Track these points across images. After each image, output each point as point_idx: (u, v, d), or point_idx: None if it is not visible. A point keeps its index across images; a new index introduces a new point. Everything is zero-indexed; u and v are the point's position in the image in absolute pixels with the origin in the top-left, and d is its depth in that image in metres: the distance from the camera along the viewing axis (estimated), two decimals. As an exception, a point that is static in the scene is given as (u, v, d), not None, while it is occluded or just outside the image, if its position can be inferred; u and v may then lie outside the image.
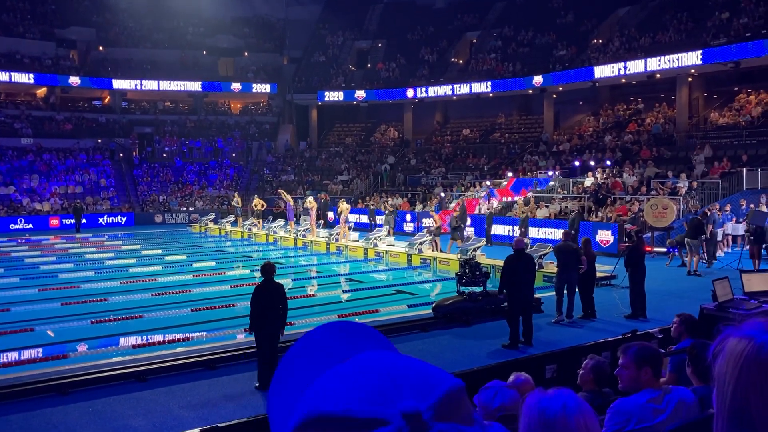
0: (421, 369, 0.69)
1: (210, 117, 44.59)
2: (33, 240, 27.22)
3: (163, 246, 25.30)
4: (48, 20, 42.32)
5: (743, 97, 29.63)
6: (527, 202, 25.16)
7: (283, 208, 27.10)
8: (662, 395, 3.18)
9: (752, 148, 25.38)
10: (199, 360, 9.11)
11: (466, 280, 12.19)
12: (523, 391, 3.64)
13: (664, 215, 19.70)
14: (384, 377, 0.66)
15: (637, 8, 35.38)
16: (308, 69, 45.39)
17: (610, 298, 13.03)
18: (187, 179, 39.17)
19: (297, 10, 48.36)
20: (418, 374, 0.67)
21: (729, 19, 28.39)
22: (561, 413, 1.61)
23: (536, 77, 33.81)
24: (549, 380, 6.52)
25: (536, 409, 1.66)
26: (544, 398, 1.67)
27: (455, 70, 40.40)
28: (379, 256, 20.68)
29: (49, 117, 39.71)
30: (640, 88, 33.06)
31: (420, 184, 34.70)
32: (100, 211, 34.10)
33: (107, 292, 14.72)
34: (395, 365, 0.69)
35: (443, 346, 10.13)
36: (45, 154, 37.08)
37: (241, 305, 12.22)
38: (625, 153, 29.00)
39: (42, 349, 10.31)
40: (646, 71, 29.10)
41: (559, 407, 1.63)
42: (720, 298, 7.69)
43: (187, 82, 42.15)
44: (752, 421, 0.90)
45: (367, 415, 0.63)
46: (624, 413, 3.08)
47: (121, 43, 43.48)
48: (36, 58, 39.58)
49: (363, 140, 43.66)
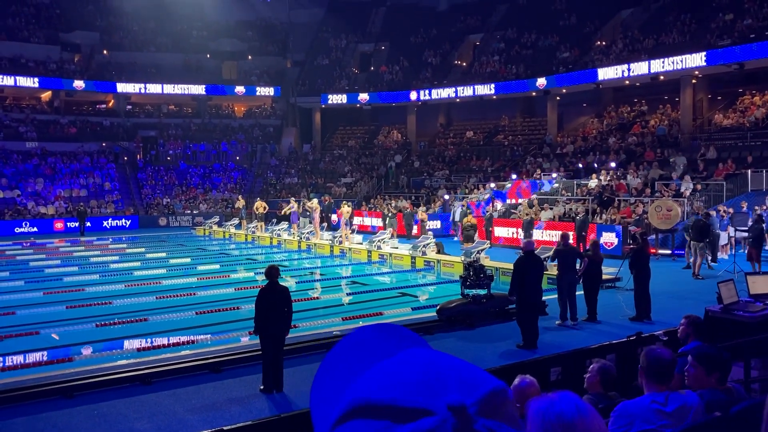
0: (466, 367, 0.70)
1: (214, 120, 44.69)
2: (38, 243, 27.29)
3: (168, 249, 25.34)
4: (52, 24, 42.51)
5: (747, 98, 29.58)
6: (531, 204, 25.14)
7: (288, 212, 27.13)
8: (667, 398, 3.18)
9: (757, 150, 25.33)
10: (203, 363, 9.12)
11: (470, 283, 12.17)
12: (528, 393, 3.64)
13: (668, 217, 19.66)
14: (429, 372, 0.67)
15: (640, 10, 35.35)
16: (311, 72, 45.46)
17: (614, 301, 13.00)
18: (191, 182, 39.24)
19: (300, 13, 48.46)
20: (462, 371, 0.68)
21: (733, 21, 28.34)
22: (578, 415, 1.60)
23: (539, 79, 33.80)
24: (554, 383, 6.51)
25: (552, 413, 1.63)
26: (556, 401, 1.65)
27: (458, 72, 40.41)
28: (382, 259, 20.69)
29: (54, 121, 39.86)
30: (644, 89, 33.00)
31: (423, 187, 34.70)
32: (105, 214, 34.17)
33: (112, 295, 14.75)
34: (440, 362, 0.70)
35: (447, 349, 10.09)
36: (49, 158, 37.19)
37: (245, 308, 12.24)
38: (629, 155, 28.96)
39: (47, 352, 10.32)
40: (650, 73, 29.06)
41: (573, 409, 1.62)
42: (725, 301, 7.67)
43: (191, 86, 42.27)
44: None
45: (414, 405, 0.64)
46: (627, 416, 3.08)
47: (125, 47, 43.65)
48: (41, 62, 39.75)
49: (366, 143, 43.70)
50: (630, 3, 36.03)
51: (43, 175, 35.95)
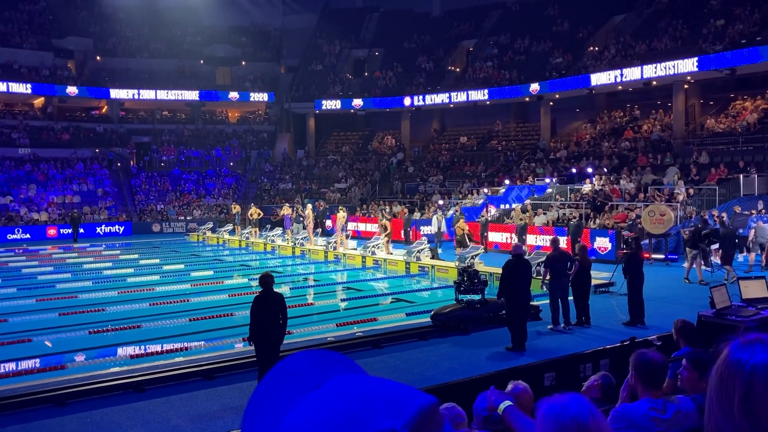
0: (393, 389, 0.69)
1: (208, 126, 44.64)
2: (30, 250, 27.16)
3: (161, 255, 25.26)
4: (45, 30, 42.42)
5: (739, 103, 29.77)
6: (525, 209, 25.18)
7: (281, 217, 27.10)
8: (665, 405, 3.19)
9: (749, 155, 25.48)
10: (197, 370, 9.08)
11: (464, 288, 12.19)
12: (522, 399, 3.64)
13: (661, 222, 19.74)
14: (357, 401, 0.67)
15: (633, 16, 35.55)
16: (305, 78, 45.50)
17: (608, 305, 13.02)
18: (185, 188, 39.15)
19: (294, 19, 48.52)
20: (390, 394, 0.68)
21: (724, 26, 28.53)
22: (591, 418, 1.59)
23: (533, 85, 33.92)
24: (548, 388, 6.51)
25: (566, 415, 1.62)
26: (569, 404, 1.64)
27: (452, 78, 40.53)
28: (377, 265, 20.67)
29: (47, 127, 39.72)
30: (637, 95, 33.17)
31: (417, 192, 34.74)
32: (98, 220, 34.04)
33: (105, 302, 14.68)
34: (367, 388, 0.69)
35: (442, 355, 10.11)
36: (42, 164, 37.06)
37: (239, 314, 12.21)
38: (621, 160, 29.08)
39: (39, 359, 10.26)
40: (643, 78, 29.20)
41: (587, 412, 1.61)
42: (718, 305, 7.70)
43: (185, 92, 42.22)
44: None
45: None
46: (624, 419, 3.09)
47: (118, 53, 43.58)
48: (33, 68, 39.64)
49: (360, 148, 43.73)
50: (622, 9, 36.25)
51: (36, 181, 35.81)
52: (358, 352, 10.15)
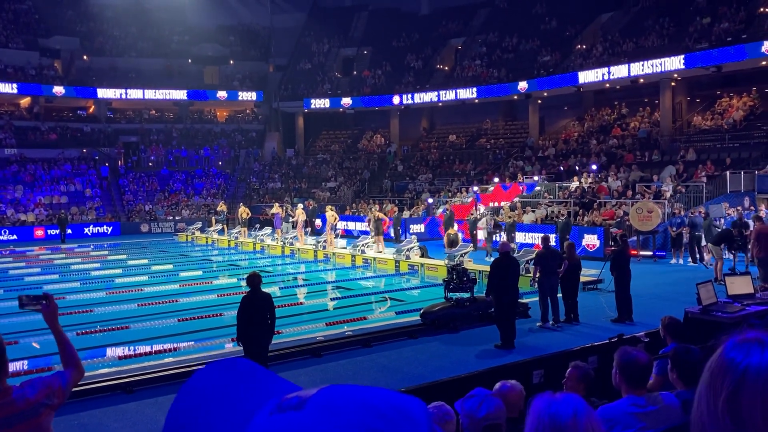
0: (387, 397, 0.69)
1: (196, 125, 44.44)
2: (17, 251, 26.94)
3: (150, 256, 25.14)
4: (31, 30, 42.07)
5: (726, 100, 29.99)
6: (514, 207, 25.26)
7: (271, 217, 27.01)
8: (646, 401, 3.21)
9: (735, 151, 25.69)
10: (186, 371, 9.02)
11: (453, 286, 12.21)
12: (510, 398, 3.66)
13: (649, 219, 19.86)
14: (367, 413, 0.66)
15: (620, 14, 35.72)
16: (294, 77, 45.39)
17: (596, 302, 13.09)
18: (173, 188, 38.96)
19: (282, 18, 48.39)
20: (391, 402, 0.68)
21: (710, 24, 28.72)
22: (572, 419, 1.60)
23: (521, 83, 34.02)
24: (537, 386, 6.54)
25: (546, 413, 1.64)
26: (554, 403, 1.66)
27: (441, 76, 40.57)
28: (366, 263, 20.68)
29: (33, 127, 39.40)
30: (624, 92, 33.34)
31: (407, 190, 34.76)
32: (86, 221, 33.83)
33: (93, 303, 14.60)
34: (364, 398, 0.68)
35: (431, 353, 10.13)
36: (29, 165, 36.76)
37: (228, 314, 12.17)
38: (609, 157, 29.23)
39: (27, 361, 10.19)
40: (630, 76, 29.35)
41: (570, 413, 1.62)
42: (704, 302, 7.76)
43: (173, 91, 42.01)
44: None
45: None
46: (608, 420, 3.10)
47: (105, 53, 43.29)
48: (19, 67, 39.30)
49: (350, 147, 43.70)
50: (610, 7, 36.41)
51: (23, 182, 35.53)
52: (347, 351, 10.16)
